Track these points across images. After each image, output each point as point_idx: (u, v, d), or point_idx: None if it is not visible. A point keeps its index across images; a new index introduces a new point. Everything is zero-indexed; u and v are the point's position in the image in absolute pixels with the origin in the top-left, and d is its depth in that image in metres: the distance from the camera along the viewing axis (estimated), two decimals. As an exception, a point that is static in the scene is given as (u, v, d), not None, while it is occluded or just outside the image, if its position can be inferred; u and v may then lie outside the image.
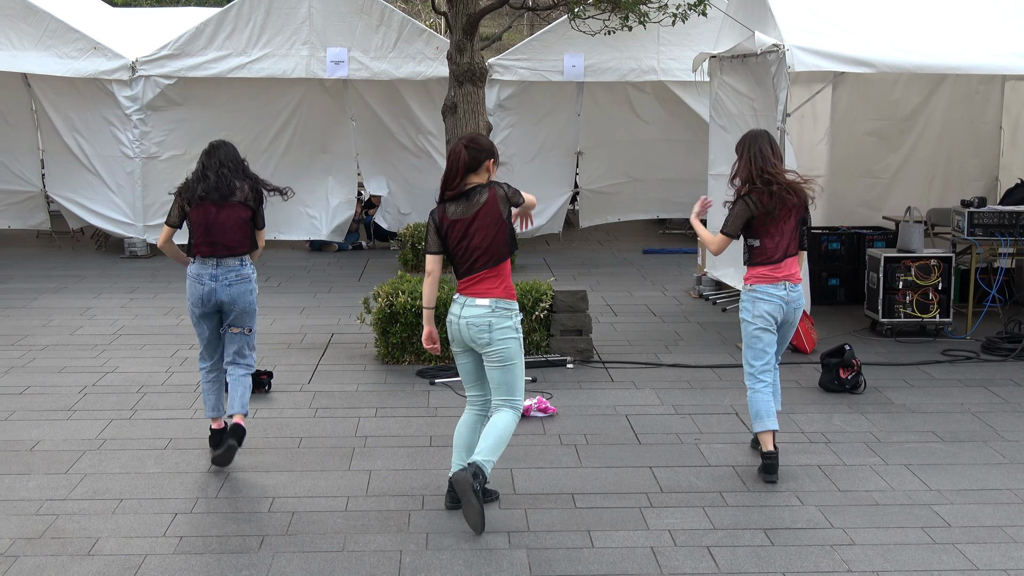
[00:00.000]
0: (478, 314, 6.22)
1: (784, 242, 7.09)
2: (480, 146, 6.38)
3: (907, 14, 10.53)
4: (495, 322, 6.22)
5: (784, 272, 7.08)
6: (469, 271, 6.27)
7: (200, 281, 7.22)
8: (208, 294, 7.21)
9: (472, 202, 6.25)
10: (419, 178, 16.83)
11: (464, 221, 6.24)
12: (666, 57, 15.98)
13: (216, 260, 7.23)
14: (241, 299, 7.27)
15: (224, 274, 7.23)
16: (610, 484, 6.82)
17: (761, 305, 7.07)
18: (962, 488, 6.77)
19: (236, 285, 7.24)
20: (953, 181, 13.67)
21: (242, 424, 7.20)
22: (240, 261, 7.30)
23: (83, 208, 16.04)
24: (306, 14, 15.56)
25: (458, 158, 6.29)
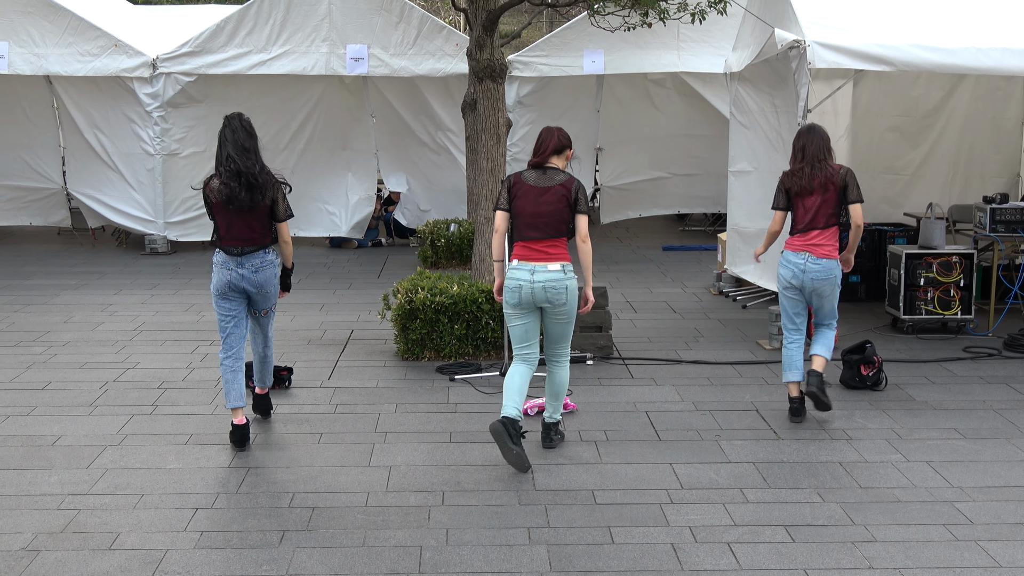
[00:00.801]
0: (554, 277, 7.04)
1: (808, 216, 8.02)
2: (566, 135, 7.40)
3: (929, 9, 10.47)
4: (570, 284, 7.09)
5: (807, 242, 8.02)
6: (538, 238, 7.11)
7: (227, 267, 7.56)
8: (237, 280, 7.56)
9: (547, 177, 7.19)
10: (438, 175, 16.86)
11: (537, 190, 7.15)
12: (686, 54, 15.94)
13: (240, 248, 7.53)
14: (267, 283, 7.66)
15: (249, 261, 7.54)
16: (630, 480, 6.81)
17: (781, 269, 8.14)
18: (984, 485, 6.73)
19: (261, 271, 7.59)
20: (974, 177, 13.60)
21: (263, 393, 8.00)
22: (264, 250, 7.60)
23: (104, 205, 16.11)
24: (326, 11, 15.58)
25: (551, 135, 7.32)
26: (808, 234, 8.01)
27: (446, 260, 14.45)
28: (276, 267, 7.70)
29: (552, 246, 7.09)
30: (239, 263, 7.52)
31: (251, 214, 7.50)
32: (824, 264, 7.95)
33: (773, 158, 11.35)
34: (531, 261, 7.08)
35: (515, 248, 7.19)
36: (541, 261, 7.06)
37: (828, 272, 7.96)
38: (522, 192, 7.17)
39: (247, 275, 7.53)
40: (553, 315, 7.15)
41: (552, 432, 7.44)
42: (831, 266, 7.97)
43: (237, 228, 7.50)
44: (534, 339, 7.25)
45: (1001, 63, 9.86)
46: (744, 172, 12.31)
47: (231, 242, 7.52)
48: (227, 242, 7.53)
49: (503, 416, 6.95)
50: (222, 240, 7.55)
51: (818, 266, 7.94)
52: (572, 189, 7.16)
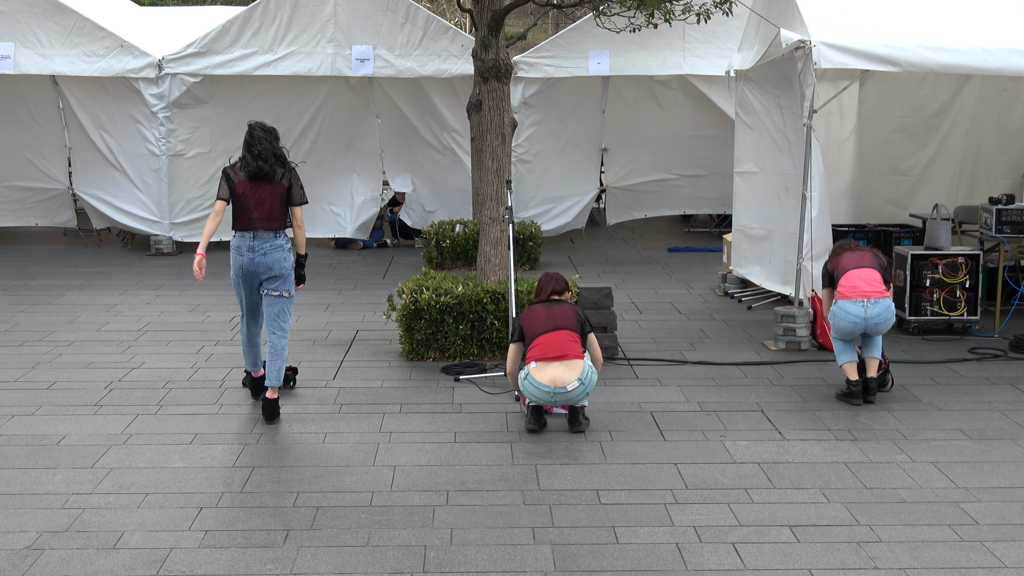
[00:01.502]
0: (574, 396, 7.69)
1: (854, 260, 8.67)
2: (563, 280, 8.11)
3: (935, 9, 10.46)
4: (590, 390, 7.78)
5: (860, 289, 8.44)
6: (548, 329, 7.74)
7: (240, 252, 8.13)
8: (248, 264, 8.10)
9: (551, 305, 7.92)
10: (444, 175, 16.86)
11: (544, 308, 7.88)
12: (692, 55, 15.94)
13: (253, 233, 8.07)
14: (276, 265, 8.10)
15: (260, 245, 8.07)
16: (635, 480, 6.80)
17: (839, 322, 8.42)
18: (990, 486, 6.72)
19: (271, 253, 8.08)
20: (981, 178, 13.59)
21: (272, 398, 8.04)
22: (275, 234, 8.13)
23: (109, 206, 16.12)
24: (331, 12, 15.59)
25: (549, 280, 8.08)
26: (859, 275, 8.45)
27: (451, 261, 14.45)
28: (287, 251, 8.19)
29: (569, 341, 7.70)
30: (251, 247, 8.06)
31: (268, 190, 8.08)
32: (885, 304, 8.34)
33: (778, 159, 11.34)
34: (550, 383, 7.56)
35: (529, 351, 7.75)
36: (560, 383, 7.56)
37: (889, 312, 8.36)
38: (531, 314, 7.87)
39: (257, 258, 8.03)
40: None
41: (580, 416, 7.76)
42: (889, 304, 8.38)
43: (253, 208, 8.06)
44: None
45: (1008, 63, 9.84)
46: (750, 173, 12.30)
47: (245, 223, 8.09)
48: (242, 223, 8.10)
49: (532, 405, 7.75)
50: (237, 221, 8.12)
51: (879, 308, 8.32)
52: (578, 311, 7.90)
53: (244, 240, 8.10)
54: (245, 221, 8.09)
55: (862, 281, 8.35)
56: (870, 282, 8.34)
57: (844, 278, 8.45)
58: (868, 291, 8.29)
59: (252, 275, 8.15)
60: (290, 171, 8.23)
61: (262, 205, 8.08)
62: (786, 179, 11.15)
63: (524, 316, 7.91)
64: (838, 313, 8.33)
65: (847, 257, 8.60)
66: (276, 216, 8.13)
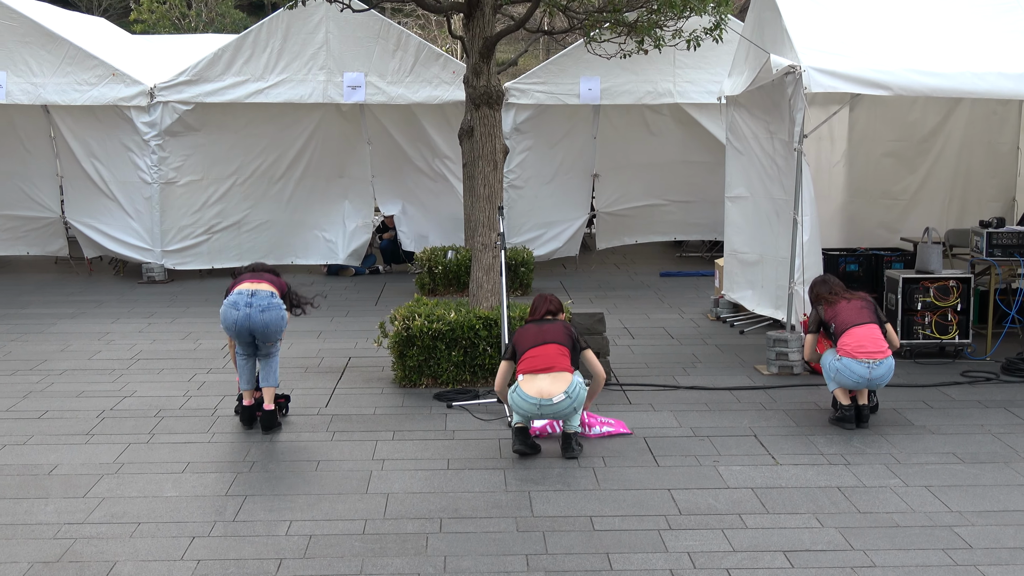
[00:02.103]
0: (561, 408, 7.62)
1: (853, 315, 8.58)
2: (557, 301, 8.25)
3: (925, 32, 10.51)
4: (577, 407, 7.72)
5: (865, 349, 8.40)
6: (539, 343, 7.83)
7: (236, 307, 8.27)
8: (242, 319, 8.25)
9: (543, 322, 8.03)
10: (435, 202, 16.88)
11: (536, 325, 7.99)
12: (682, 80, 16.01)
13: (252, 291, 8.32)
14: (273, 323, 8.32)
15: (257, 301, 8.28)
16: (629, 506, 6.79)
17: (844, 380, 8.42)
18: (983, 509, 6.72)
19: (268, 312, 8.29)
20: (971, 202, 13.64)
21: (270, 409, 8.32)
22: (271, 293, 8.40)
23: (101, 234, 16.11)
24: (323, 39, 15.64)
25: (544, 301, 8.19)
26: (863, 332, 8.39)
27: (443, 287, 14.45)
28: (282, 310, 8.41)
29: (559, 354, 7.75)
30: (248, 303, 8.24)
31: (267, 276, 8.59)
32: (888, 363, 8.37)
33: (769, 184, 11.37)
34: (536, 395, 7.58)
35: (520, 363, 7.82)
36: (547, 395, 7.57)
37: (891, 370, 8.41)
38: (523, 331, 7.96)
39: (254, 314, 8.19)
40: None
41: (572, 442, 7.73)
42: (892, 363, 8.40)
43: (252, 282, 8.46)
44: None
45: (997, 87, 9.88)
46: (741, 197, 12.32)
47: (244, 280, 8.48)
48: (240, 281, 8.48)
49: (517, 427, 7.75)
50: (234, 284, 8.46)
51: (883, 369, 8.34)
52: (569, 327, 7.99)
53: (242, 296, 8.30)
54: (244, 282, 8.47)
55: (868, 340, 8.31)
56: (875, 342, 8.33)
57: (847, 336, 8.35)
58: (873, 351, 8.28)
59: (246, 330, 8.32)
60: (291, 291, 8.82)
61: (260, 278, 8.56)
62: (777, 204, 11.18)
63: (517, 335, 7.99)
64: (843, 371, 8.29)
65: (845, 310, 8.52)
66: (274, 283, 8.56)
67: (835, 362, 8.35)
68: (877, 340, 8.34)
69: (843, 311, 8.51)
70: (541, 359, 7.69)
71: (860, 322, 8.40)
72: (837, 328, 8.47)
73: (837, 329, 8.46)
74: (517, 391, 7.66)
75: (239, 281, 8.53)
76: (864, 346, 8.27)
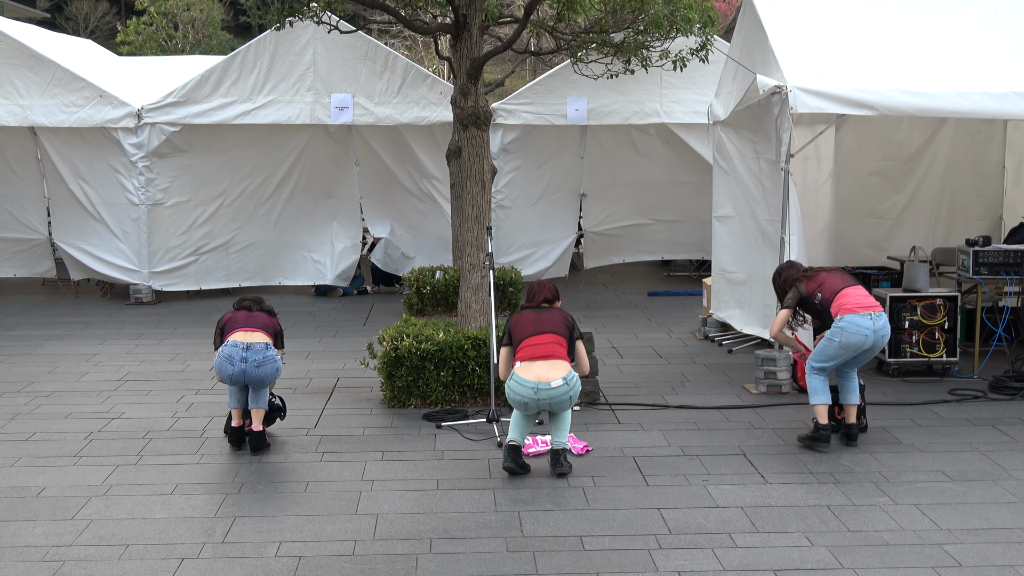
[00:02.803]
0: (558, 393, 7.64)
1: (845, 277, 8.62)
2: (554, 288, 8.34)
3: (910, 52, 10.56)
4: (573, 395, 7.73)
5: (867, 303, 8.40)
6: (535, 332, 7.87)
7: (231, 362, 8.29)
8: (238, 375, 8.29)
9: (541, 310, 8.10)
10: (424, 222, 16.89)
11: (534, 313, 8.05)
12: (669, 100, 16.07)
13: (246, 345, 8.33)
14: (268, 377, 8.39)
15: (252, 356, 8.31)
16: (618, 526, 6.78)
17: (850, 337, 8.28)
18: (972, 527, 6.73)
19: (264, 366, 8.34)
20: (958, 221, 13.69)
21: (258, 430, 8.34)
22: (266, 344, 8.44)
23: (89, 255, 16.07)
24: (310, 61, 15.66)
25: (542, 288, 8.26)
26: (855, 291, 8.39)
27: (432, 307, 14.44)
28: (277, 362, 8.47)
29: (554, 343, 7.82)
30: (244, 357, 8.27)
31: (261, 315, 8.65)
32: (885, 317, 8.36)
33: (755, 204, 11.40)
34: (532, 371, 7.68)
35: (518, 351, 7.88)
36: (544, 379, 7.64)
37: (888, 325, 8.41)
38: (520, 317, 8.03)
39: (249, 369, 8.24)
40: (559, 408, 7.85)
41: (561, 458, 7.75)
42: (887, 319, 8.41)
43: (246, 318, 8.56)
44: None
45: (981, 107, 9.93)
46: (728, 217, 12.35)
47: (238, 327, 8.50)
48: (234, 328, 8.50)
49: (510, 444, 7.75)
50: (229, 332, 8.49)
51: (883, 321, 8.33)
52: (567, 315, 8.08)
53: (236, 350, 8.32)
54: (237, 331, 8.48)
55: (863, 296, 8.37)
56: (869, 297, 8.40)
57: (842, 296, 8.34)
58: (872, 304, 8.32)
59: (241, 383, 8.39)
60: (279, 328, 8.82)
61: (254, 324, 8.57)
62: (763, 223, 11.20)
63: (513, 320, 8.04)
64: (848, 328, 8.22)
65: (829, 279, 8.53)
66: (267, 328, 8.60)
67: (837, 324, 8.28)
68: (870, 296, 8.42)
69: (828, 280, 8.52)
70: (540, 348, 7.76)
71: (849, 284, 8.45)
72: (826, 295, 8.42)
73: (826, 296, 8.42)
74: (514, 378, 7.71)
75: (232, 327, 8.53)
76: (862, 301, 8.31)
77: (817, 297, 8.46)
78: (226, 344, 8.38)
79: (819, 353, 8.42)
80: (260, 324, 8.56)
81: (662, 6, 12.01)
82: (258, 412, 8.42)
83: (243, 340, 8.37)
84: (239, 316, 8.62)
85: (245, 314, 8.64)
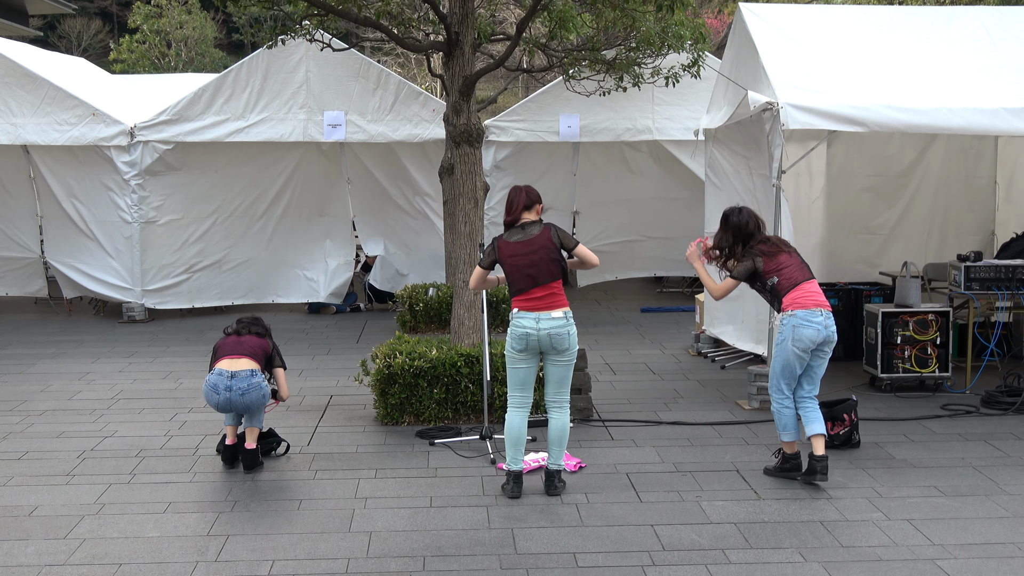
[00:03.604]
0: (557, 324, 7.60)
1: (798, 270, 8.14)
2: (535, 192, 8.02)
3: (900, 68, 10.61)
4: (571, 331, 7.67)
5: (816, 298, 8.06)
6: (535, 286, 7.64)
7: (216, 391, 8.23)
8: (223, 403, 8.26)
9: (526, 232, 7.76)
10: (416, 239, 16.91)
11: (522, 245, 7.71)
12: (661, 117, 16.11)
13: (230, 373, 8.26)
14: (255, 404, 8.33)
15: (237, 384, 8.23)
16: (612, 543, 6.78)
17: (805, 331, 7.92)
18: (966, 543, 6.73)
19: (249, 393, 8.26)
20: (949, 236, 13.72)
21: (252, 448, 8.32)
22: (251, 372, 8.33)
23: (81, 273, 16.06)
24: (303, 78, 15.69)
25: (520, 193, 7.95)
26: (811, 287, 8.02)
27: (425, 324, 14.45)
28: (263, 388, 8.35)
29: (551, 293, 7.65)
30: (228, 386, 8.20)
31: (251, 338, 8.55)
32: (831, 316, 8.03)
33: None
34: (533, 310, 7.62)
35: (516, 301, 7.73)
36: (544, 310, 7.61)
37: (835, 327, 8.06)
38: (509, 252, 7.73)
39: (234, 398, 8.19)
40: (555, 360, 7.69)
41: (556, 479, 7.74)
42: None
43: (234, 345, 8.47)
44: (532, 385, 7.80)
45: (971, 122, 9.97)
46: (720, 233, 12.35)
47: (224, 355, 8.39)
48: (221, 356, 8.40)
49: (512, 472, 7.67)
50: (216, 361, 8.39)
51: (832, 320, 7.99)
52: (552, 235, 7.76)
53: (221, 379, 8.25)
54: (225, 358, 8.39)
55: (816, 292, 8.02)
56: (821, 293, 8.07)
57: (798, 290, 7.97)
58: (824, 302, 8.02)
59: (228, 410, 8.37)
60: (274, 345, 8.73)
61: (241, 351, 8.46)
62: (757, 239, 11.21)
63: (501, 251, 7.79)
64: (801, 325, 7.86)
65: (789, 267, 8.09)
66: (256, 353, 8.49)
67: (789, 320, 7.92)
68: (822, 294, 8.10)
69: (788, 267, 8.08)
70: (543, 302, 7.64)
71: (807, 277, 8.07)
72: (782, 283, 8.03)
73: (782, 284, 8.03)
74: (516, 316, 7.68)
75: (220, 354, 8.48)
76: (813, 296, 7.97)
77: (772, 280, 8.05)
78: (212, 373, 8.36)
79: (777, 370, 8.05)
80: (247, 350, 8.48)
81: (653, 23, 12.04)
82: (253, 431, 8.41)
83: (228, 368, 8.32)
84: (228, 343, 8.57)
85: (233, 340, 8.59)
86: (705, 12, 33.70)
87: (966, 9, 11.67)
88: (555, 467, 7.77)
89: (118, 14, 53.46)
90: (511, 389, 7.79)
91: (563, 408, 7.80)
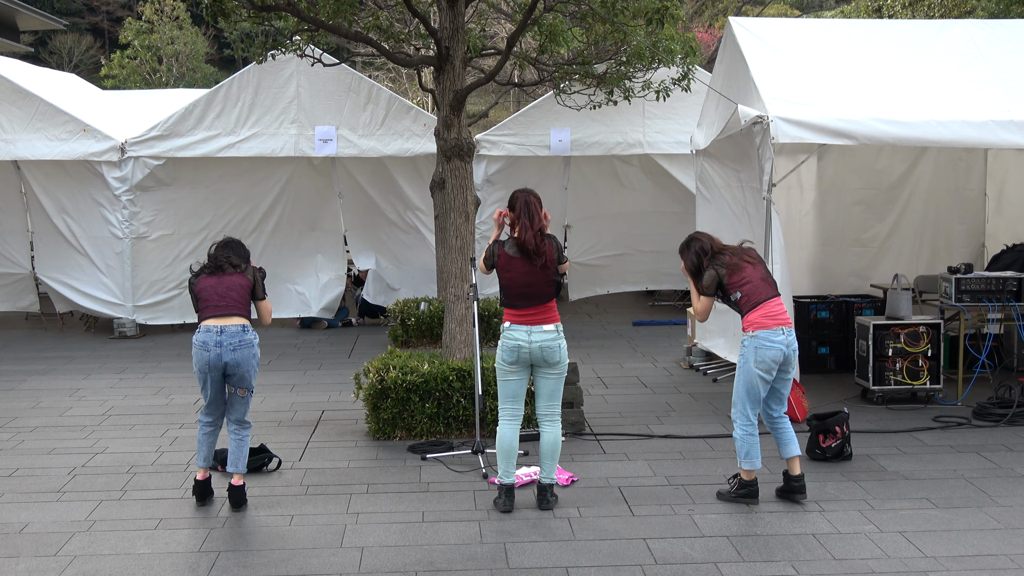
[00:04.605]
0: (548, 338, 7.63)
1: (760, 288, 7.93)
2: (538, 199, 8.11)
3: (890, 82, 10.65)
4: (562, 343, 7.72)
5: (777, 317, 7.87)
6: (529, 306, 7.66)
7: (206, 348, 7.83)
8: (214, 360, 7.82)
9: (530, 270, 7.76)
10: (408, 254, 16.91)
11: (520, 262, 7.74)
12: (652, 130, 16.15)
13: (219, 328, 7.84)
14: (245, 362, 7.89)
15: (228, 340, 7.83)
16: (604, 556, 6.77)
17: (766, 352, 7.77)
18: (958, 554, 6.73)
19: (240, 350, 7.86)
20: (940, 248, 13.76)
21: (238, 484, 7.88)
22: (242, 327, 7.91)
23: (72, 289, 16.03)
24: (294, 93, 15.70)
25: (537, 212, 8.00)
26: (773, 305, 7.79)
27: (417, 339, 14.44)
28: (255, 347, 7.98)
29: (544, 311, 7.71)
30: (217, 341, 7.81)
31: (231, 280, 8.00)
32: (793, 332, 7.84)
33: (739, 232, 11.43)
34: (527, 324, 7.65)
35: (508, 313, 7.75)
36: (536, 323, 7.65)
37: (796, 343, 7.89)
38: (507, 264, 7.79)
39: (224, 354, 7.80)
40: (546, 373, 7.72)
41: (548, 494, 7.74)
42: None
43: (218, 298, 7.93)
44: (523, 397, 7.79)
45: (961, 135, 10.01)
46: (712, 246, 12.36)
47: (211, 313, 7.90)
48: (208, 313, 7.90)
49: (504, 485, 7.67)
50: (203, 313, 7.92)
51: (793, 336, 7.80)
52: (555, 250, 7.91)
53: (210, 335, 7.80)
54: (211, 310, 7.90)
55: (778, 310, 7.83)
56: (783, 310, 7.89)
57: (762, 308, 7.78)
58: (785, 320, 7.84)
59: (218, 370, 7.86)
60: (253, 267, 8.19)
61: (227, 294, 7.95)
62: (748, 252, 11.23)
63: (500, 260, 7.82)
64: (763, 345, 7.68)
65: (752, 284, 7.89)
66: (242, 303, 7.98)
67: (751, 341, 7.75)
68: (784, 310, 7.93)
69: (751, 284, 7.85)
70: (530, 318, 7.65)
71: (770, 295, 7.86)
72: (746, 299, 7.85)
73: (745, 300, 7.85)
74: (507, 330, 7.69)
75: (205, 304, 7.94)
76: (775, 314, 7.79)
77: (735, 295, 7.87)
78: (199, 330, 7.91)
79: (742, 392, 7.81)
80: (232, 305, 7.97)
81: (644, 38, 12.08)
82: (238, 477, 8.00)
83: (216, 324, 7.89)
84: (209, 292, 8.00)
85: (214, 287, 8.00)
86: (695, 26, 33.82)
87: (955, 23, 11.73)
88: (547, 481, 7.75)
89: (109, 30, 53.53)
90: (502, 401, 7.78)
91: (555, 422, 7.79)
